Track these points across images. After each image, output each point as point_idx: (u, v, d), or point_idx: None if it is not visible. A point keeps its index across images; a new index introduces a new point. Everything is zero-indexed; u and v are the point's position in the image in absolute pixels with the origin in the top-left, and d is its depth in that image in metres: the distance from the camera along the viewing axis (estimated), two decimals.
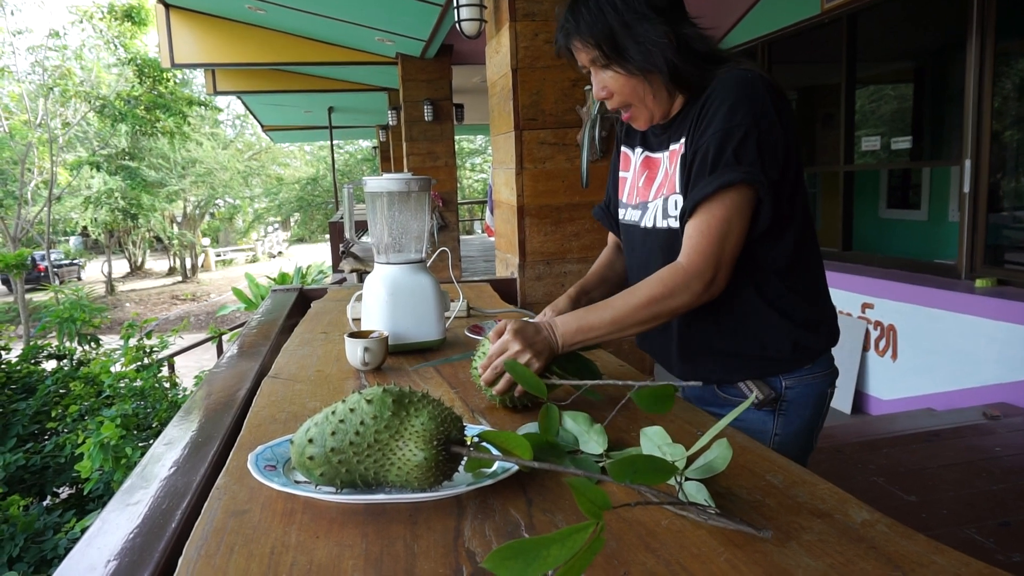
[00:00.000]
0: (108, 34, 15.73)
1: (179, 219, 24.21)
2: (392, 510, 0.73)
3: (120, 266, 25.06)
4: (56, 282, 17.53)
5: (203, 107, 17.40)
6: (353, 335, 1.29)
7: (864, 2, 4.45)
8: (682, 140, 1.12)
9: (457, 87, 7.87)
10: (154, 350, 4.65)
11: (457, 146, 11.48)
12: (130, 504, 0.79)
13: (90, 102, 16.23)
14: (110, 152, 19.10)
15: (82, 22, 15.93)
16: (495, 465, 0.80)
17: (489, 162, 23.24)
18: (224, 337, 7.09)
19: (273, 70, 8.28)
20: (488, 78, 2.79)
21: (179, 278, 23.62)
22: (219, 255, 28.02)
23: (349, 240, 2.17)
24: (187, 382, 5.23)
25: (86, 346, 5.45)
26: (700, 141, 1.06)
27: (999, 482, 2.35)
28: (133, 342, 4.59)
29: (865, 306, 4.23)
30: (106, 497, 3.44)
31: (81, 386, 4.17)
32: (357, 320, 1.57)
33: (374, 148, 19.25)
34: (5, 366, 4.53)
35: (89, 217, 19.34)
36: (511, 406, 1.05)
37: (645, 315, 1.05)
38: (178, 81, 16.89)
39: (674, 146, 1.15)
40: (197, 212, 25.08)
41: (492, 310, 1.84)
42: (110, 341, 6.06)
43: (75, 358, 4.93)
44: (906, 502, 2.23)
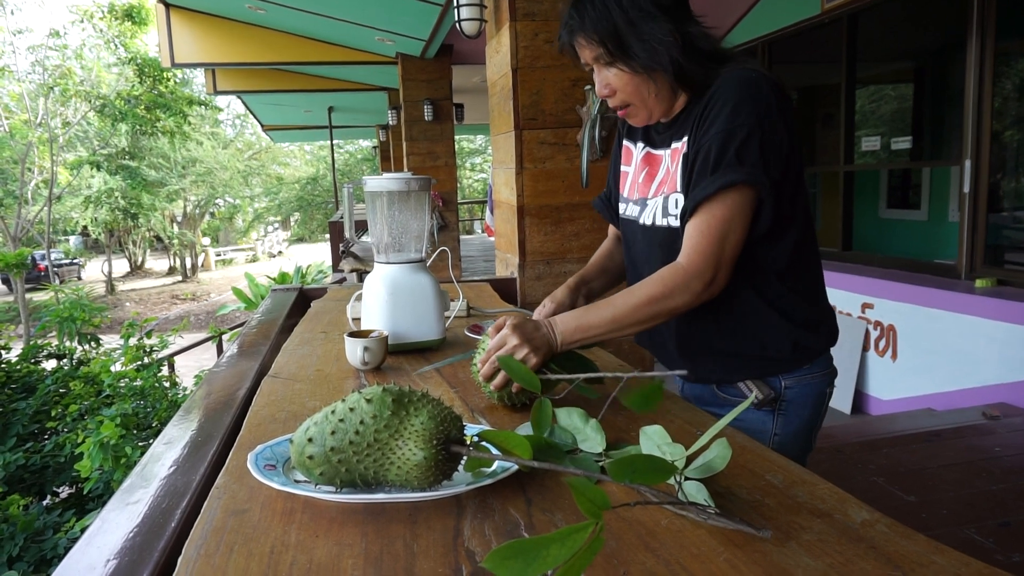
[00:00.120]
0: (108, 34, 15.72)
1: (179, 219, 24.20)
2: (392, 509, 0.73)
3: (120, 266, 25.05)
4: (56, 281, 17.53)
5: (203, 107, 17.38)
6: (353, 335, 1.29)
7: (864, 2, 4.45)
8: (685, 138, 1.12)
9: (457, 87, 7.87)
10: (154, 349, 4.65)
11: (457, 146, 11.48)
12: (130, 503, 0.79)
13: (90, 101, 16.22)
14: (110, 152, 19.09)
15: (82, 21, 15.92)
16: (495, 464, 0.80)
17: (489, 162, 23.23)
18: (224, 337, 7.08)
19: (273, 70, 8.28)
20: (488, 78, 2.79)
21: (179, 278, 23.61)
22: (219, 255, 28.01)
23: (349, 240, 2.17)
24: (187, 381, 5.23)
25: (86, 345, 5.45)
26: (703, 140, 1.06)
27: (999, 482, 2.35)
28: (133, 341, 4.59)
29: (865, 306, 4.23)
30: (106, 496, 3.43)
31: (81, 385, 4.16)
32: (357, 320, 1.57)
33: (374, 148, 19.25)
34: (5, 365, 4.53)
35: (89, 216, 19.33)
36: (510, 404, 1.05)
37: (645, 314, 1.05)
38: (178, 81, 16.87)
39: (676, 144, 1.14)
40: (197, 212, 25.07)
41: (492, 310, 1.84)
42: (110, 341, 6.05)
43: (75, 357, 4.93)
44: (906, 502, 2.23)
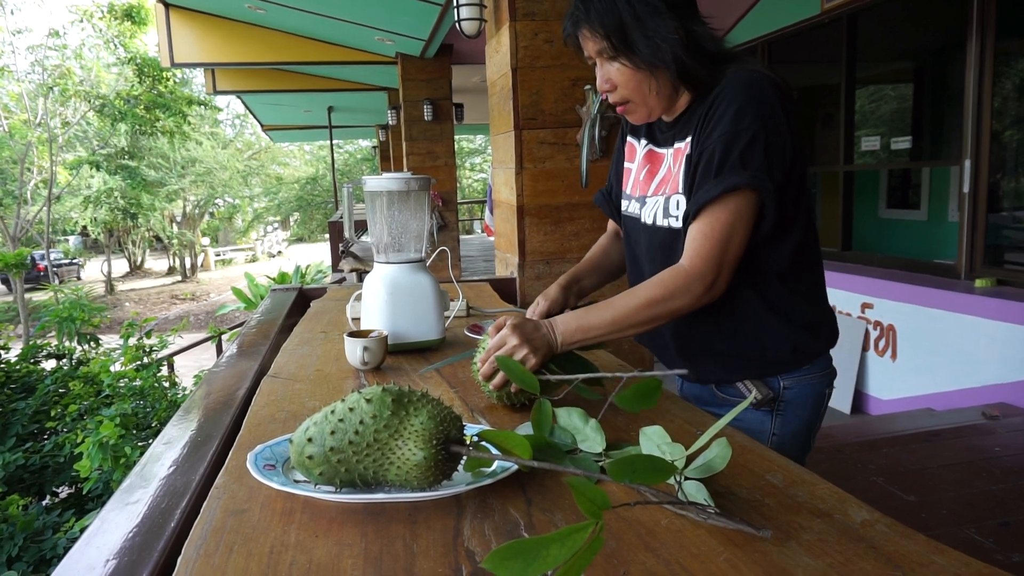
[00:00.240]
0: (108, 33, 15.71)
1: (179, 218, 24.18)
2: (391, 509, 0.73)
3: (119, 265, 25.03)
4: (56, 281, 17.52)
5: (203, 106, 17.38)
6: (352, 334, 1.28)
7: (864, 2, 4.45)
8: (688, 139, 1.11)
9: (457, 87, 7.87)
10: (153, 349, 4.65)
11: (457, 146, 11.47)
12: (129, 503, 0.79)
13: (90, 101, 16.21)
14: (110, 151, 19.07)
15: (82, 21, 15.91)
16: (494, 464, 0.80)
17: (489, 162, 23.23)
18: (223, 336, 7.08)
19: (273, 70, 8.28)
20: (488, 78, 2.79)
21: (178, 277, 23.60)
22: (218, 255, 27.99)
23: (348, 239, 2.17)
24: (186, 381, 5.22)
25: (85, 345, 5.45)
26: (706, 143, 1.05)
27: (999, 482, 2.35)
28: (132, 341, 4.59)
29: (865, 306, 4.23)
30: (105, 496, 3.43)
31: (80, 385, 4.16)
32: (356, 319, 1.57)
33: (374, 148, 19.24)
34: (4, 365, 4.53)
35: (89, 216, 19.32)
36: (509, 404, 1.05)
37: (645, 316, 1.05)
38: (178, 80, 16.87)
39: (679, 144, 1.14)
40: (197, 211, 25.06)
41: (491, 309, 1.84)
42: (109, 340, 6.05)
43: (74, 357, 4.93)
44: (906, 502, 2.22)
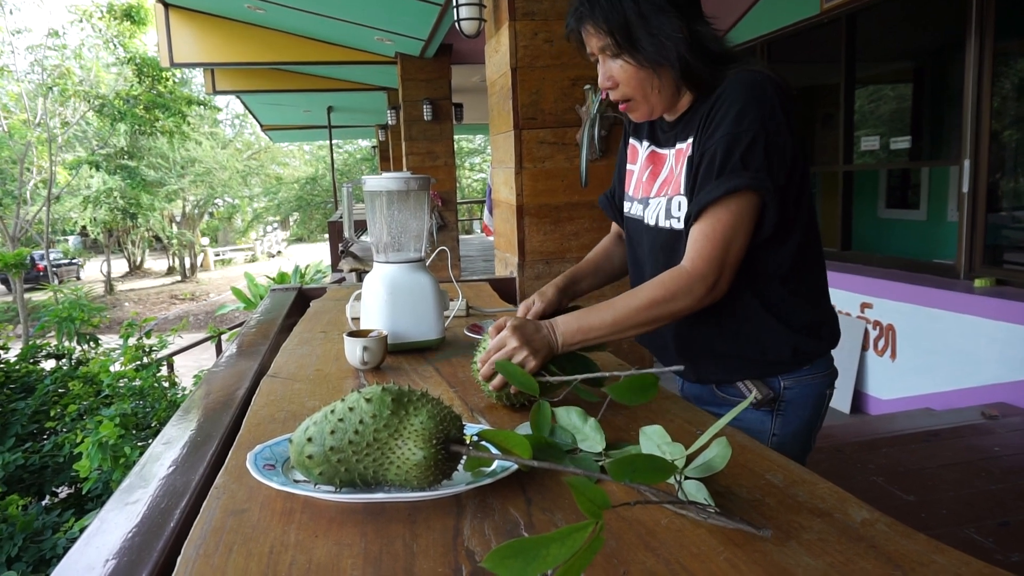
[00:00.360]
0: (107, 33, 15.71)
1: (178, 218, 24.18)
2: (391, 509, 0.73)
3: (119, 265, 25.03)
4: (55, 281, 17.52)
5: (202, 106, 17.39)
6: (352, 334, 1.28)
7: (863, 2, 4.45)
8: (690, 140, 1.11)
9: (456, 86, 7.87)
10: (153, 349, 4.65)
11: (456, 146, 11.48)
12: (129, 503, 0.79)
13: (89, 101, 16.21)
14: (109, 151, 19.08)
15: (81, 21, 15.91)
16: (494, 464, 0.80)
17: (488, 162, 23.22)
18: (223, 336, 7.08)
19: (272, 70, 8.28)
20: (487, 77, 2.79)
21: (178, 277, 23.59)
22: (218, 255, 27.99)
23: (348, 239, 2.17)
24: (186, 381, 5.22)
25: (85, 345, 5.45)
26: (708, 144, 1.05)
27: (998, 482, 2.35)
28: (132, 341, 4.59)
29: (864, 306, 4.23)
30: (105, 496, 3.43)
31: (80, 385, 4.16)
32: (356, 319, 1.57)
33: (373, 147, 19.25)
34: (4, 365, 4.52)
35: (88, 216, 19.33)
36: (509, 404, 1.05)
37: (646, 317, 1.05)
38: (177, 80, 16.87)
39: (681, 145, 1.14)
40: (196, 211, 25.06)
41: (491, 309, 1.84)
42: (109, 340, 6.05)
43: (74, 357, 4.92)
44: (905, 502, 2.23)
